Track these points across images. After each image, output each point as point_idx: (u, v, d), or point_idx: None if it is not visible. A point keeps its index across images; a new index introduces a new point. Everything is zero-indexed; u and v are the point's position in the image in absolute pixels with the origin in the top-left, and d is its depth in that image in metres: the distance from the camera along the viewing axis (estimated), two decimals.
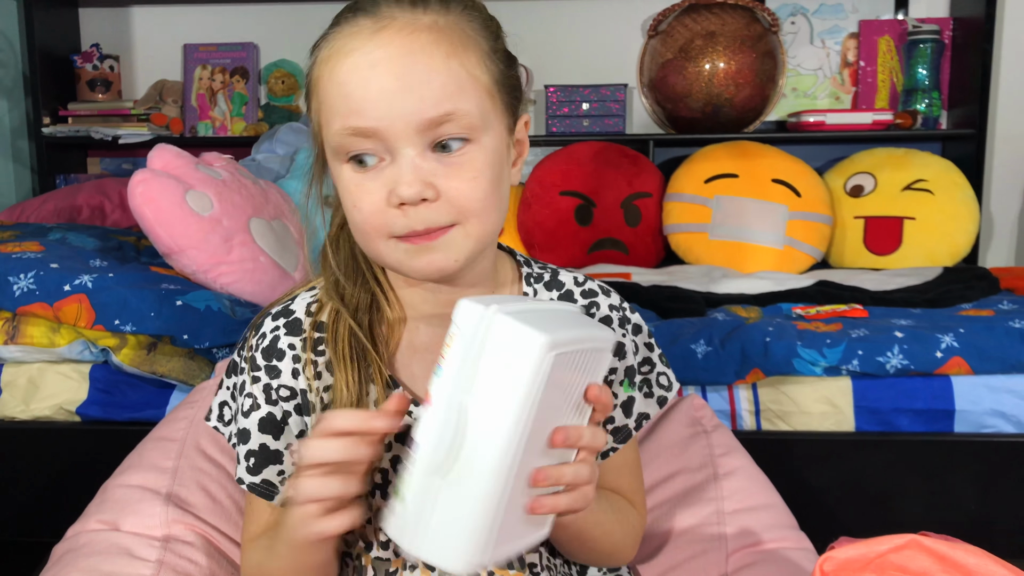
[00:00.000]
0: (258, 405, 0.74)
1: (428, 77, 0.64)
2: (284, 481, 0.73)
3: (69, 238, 1.61)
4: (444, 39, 0.66)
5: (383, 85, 0.64)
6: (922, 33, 2.28)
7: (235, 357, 0.79)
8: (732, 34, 2.25)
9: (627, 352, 0.80)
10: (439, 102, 0.64)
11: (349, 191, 0.67)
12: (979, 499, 1.40)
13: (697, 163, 2.19)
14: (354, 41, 0.66)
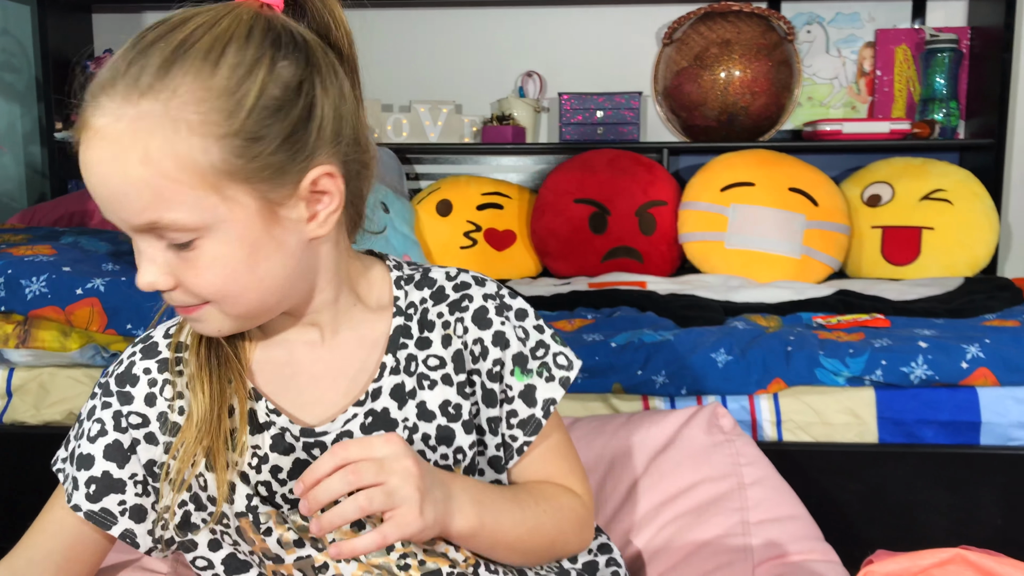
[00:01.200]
0: (106, 431, 0.73)
1: (124, 189, 0.61)
2: (124, 512, 0.73)
3: (81, 242, 1.60)
4: (140, 140, 0.60)
5: (96, 192, 0.63)
6: (940, 42, 2.26)
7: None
8: (748, 42, 2.24)
9: (509, 340, 0.76)
10: (139, 213, 0.61)
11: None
12: (1005, 513, 1.37)
13: (713, 171, 2.17)
14: (79, 135, 0.63)
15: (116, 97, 0.61)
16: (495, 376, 0.75)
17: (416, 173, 2.51)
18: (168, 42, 0.63)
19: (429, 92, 2.48)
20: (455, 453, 0.73)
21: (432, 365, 0.74)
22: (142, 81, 0.61)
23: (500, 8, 2.49)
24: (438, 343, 0.75)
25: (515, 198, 2.29)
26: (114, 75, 0.62)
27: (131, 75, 0.62)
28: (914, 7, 2.39)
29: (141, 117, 0.60)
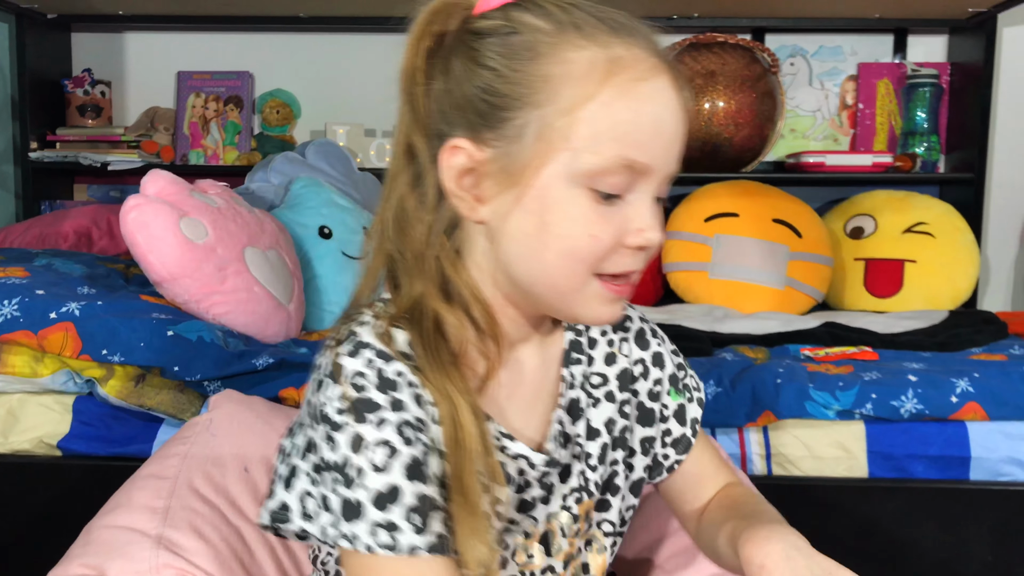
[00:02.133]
0: (396, 450, 0.61)
1: (683, 133, 0.66)
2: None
3: (56, 264, 1.56)
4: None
5: (673, 126, 0.65)
6: (921, 77, 2.29)
7: (307, 429, 0.65)
8: (732, 74, 2.24)
9: (665, 361, 0.80)
10: (677, 158, 0.66)
11: (586, 219, 0.63)
12: (994, 549, 1.36)
13: (697, 201, 2.17)
14: (644, 67, 0.64)
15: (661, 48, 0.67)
16: (654, 396, 0.79)
17: None
18: None
19: None
20: (611, 474, 0.77)
21: (596, 383, 0.77)
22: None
23: None
24: (601, 361, 0.77)
25: None
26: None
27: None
28: (895, 42, 2.42)
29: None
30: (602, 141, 0.62)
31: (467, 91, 0.65)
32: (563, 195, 0.63)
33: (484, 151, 0.65)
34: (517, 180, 0.64)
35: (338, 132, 2.36)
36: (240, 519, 0.97)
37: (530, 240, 0.65)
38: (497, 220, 0.66)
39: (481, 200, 0.66)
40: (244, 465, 1.03)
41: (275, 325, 1.52)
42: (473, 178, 0.66)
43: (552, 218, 0.64)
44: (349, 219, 1.93)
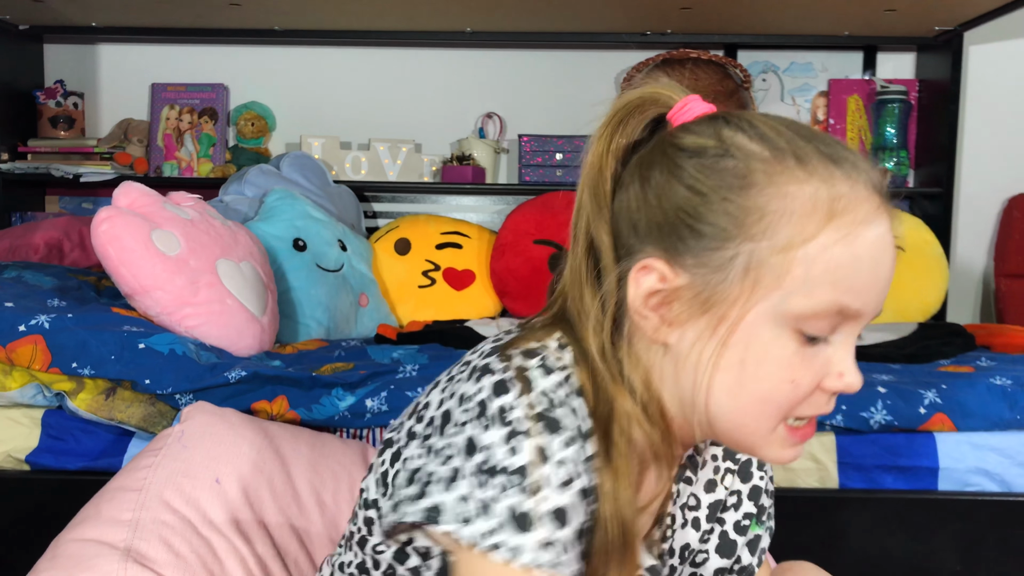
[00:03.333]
0: (578, 473, 0.59)
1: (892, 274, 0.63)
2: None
3: (25, 276, 1.55)
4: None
5: (889, 270, 0.61)
6: (890, 93, 2.32)
7: (466, 428, 0.60)
8: (705, 89, 2.27)
9: (762, 495, 0.79)
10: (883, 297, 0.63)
11: (788, 363, 0.60)
12: (963, 558, 1.38)
13: None
14: (867, 208, 0.60)
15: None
16: (740, 529, 0.76)
17: (374, 211, 2.49)
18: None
19: (388, 131, 2.47)
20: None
21: (691, 504, 0.75)
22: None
23: (461, 50, 2.50)
24: (702, 485, 0.75)
25: (474, 238, 2.28)
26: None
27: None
28: (865, 58, 2.46)
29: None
30: (817, 284, 0.58)
31: (667, 210, 0.61)
32: (766, 335, 0.60)
33: (680, 276, 0.61)
34: (715, 311, 0.60)
35: (313, 144, 2.36)
36: (210, 530, 0.96)
37: (723, 375, 0.61)
38: (684, 346, 0.62)
39: (669, 323, 0.62)
40: (216, 476, 1.02)
41: (248, 338, 1.51)
42: (662, 299, 0.62)
43: (752, 357, 0.60)
44: (324, 231, 1.93)
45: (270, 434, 1.12)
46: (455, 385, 0.63)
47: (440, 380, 0.68)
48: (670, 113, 0.65)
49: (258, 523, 1.01)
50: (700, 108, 0.65)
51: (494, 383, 0.60)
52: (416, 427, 0.65)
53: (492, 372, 0.61)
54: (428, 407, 0.65)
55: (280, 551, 1.00)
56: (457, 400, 0.61)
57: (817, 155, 0.60)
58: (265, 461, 1.07)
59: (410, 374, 1.40)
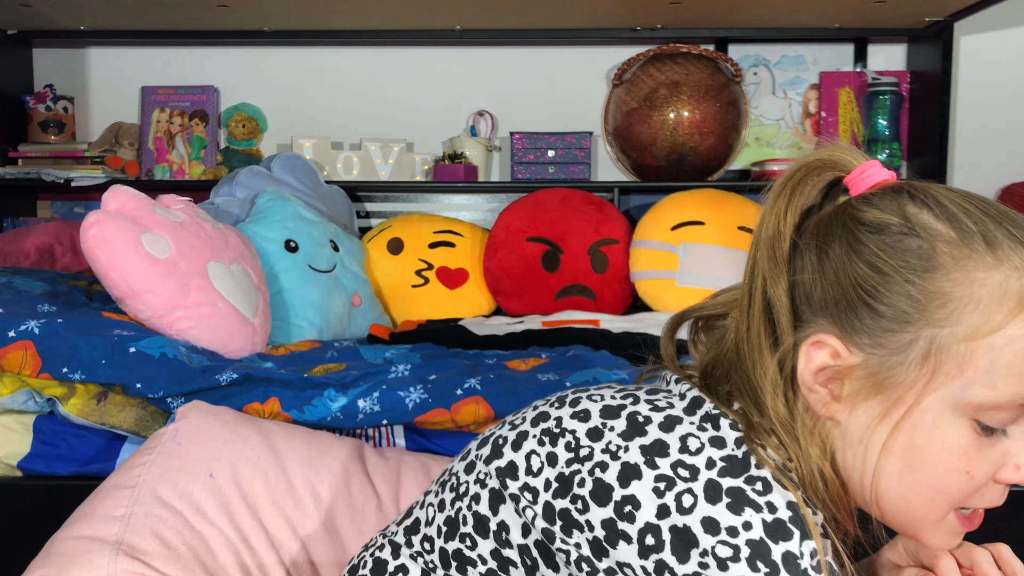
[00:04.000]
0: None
1: None
2: None
3: (15, 282, 1.54)
4: None
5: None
6: (881, 85, 2.32)
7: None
8: (696, 84, 2.27)
9: None
10: None
11: (964, 453, 0.59)
12: None
13: (663, 210, 2.18)
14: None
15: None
16: None
17: (367, 211, 2.48)
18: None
19: (380, 130, 2.47)
20: None
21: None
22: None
23: (451, 48, 2.50)
24: None
25: (467, 236, 2.28)
26: None
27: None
28: (856, 51, 2.46)
29: None
30: (1001, 376, 0.57)
31: (845, 286, 0.60)
32: (943, 423, 0.59)
33: (855, 354, 0.60)
34: (889, 393, 0.59)
35: (304, 145, 2.36)
36: (204, 523, 0.96)
37: (893, 459, 0.60)
38: (853, 424, 0.61)
39: (838, 399, 0.62)
40: (209, 471, 1.02)
41: (240, 340, 1.51)
42: (834, 375, 0.61)
43: (926, 445, 0.59)
44: (315, 232, 1.93)
45: (265, 430, 1.12)
46: (667, 495, 0.58)
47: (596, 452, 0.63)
48: (848, 177, 0.64)
49: (252, 516, 1.01)
50: (880, 175, 0.63)
51: (767, 524, 0.56)
52: (628, 529, 0.59)
53: (751, 502, 0.57)
54: (624, 512, 0.60)
55: (274, 543, 1.00)
56: (702, 525, 0.57)
57: (1008, 239, 0.58)
58: (259, 456, 1.07)
59: (402, 374, 1.40)
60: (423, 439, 1.35)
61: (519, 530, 0.66)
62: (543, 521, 0.63)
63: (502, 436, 0.69)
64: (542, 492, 0.64)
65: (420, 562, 0.73)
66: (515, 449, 0.67)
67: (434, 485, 0.75)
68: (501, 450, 0.68)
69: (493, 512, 0.67)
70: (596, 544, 0.61)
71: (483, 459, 0.69)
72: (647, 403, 0.65)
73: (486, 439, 0.71)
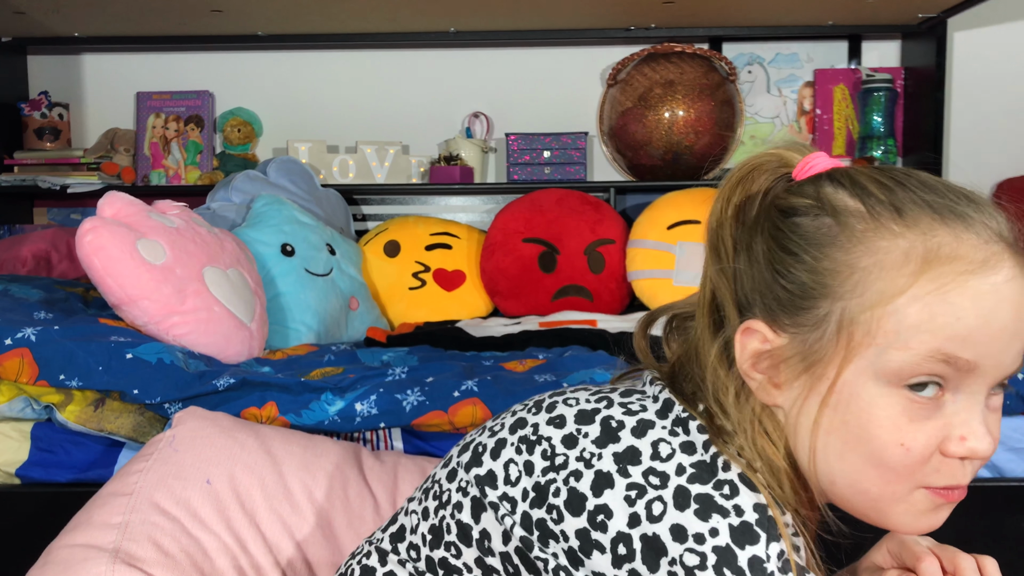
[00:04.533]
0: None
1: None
2: None
3: (12, 289, 1.54)
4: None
5: (1009, 320, 0.57)
6: (875, 82, 2.33)
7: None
8: (691, 83, 2.27)
9: None
10: (1019, 355, 0.59)
11: (894, 424, 0.58)
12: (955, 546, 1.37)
13: (659, 209, 2.19)
14: (975, 258, 0.57)
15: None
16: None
17: (363, 214, 2.48)
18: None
19: (375, 133, 2.47)
20: None
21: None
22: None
23: (446, 49, 2.50)
24: None
25: (464, 238, 2.28)
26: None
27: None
28: (850, 48, 2.46)
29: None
30: (912, 336, 0.57)
31: (767, 275, 0.62)
32: (867, 395, 0.59)
33: (781, 336, 0.61)
34: (815, 370, 0.60)
35: (300, 149, 2.36)
36: (201, 529, 0.96)
37: (828, 437, 0.60)
38: (794, 408, 0.62)
39: (777, 385, 0.63)
40: (206, 477, 1.02)
41: (237, 344, 1.51)
42: (769, 361, 0.62)
43: (854, 419, 0.59)
44: (312, 236, 1.93)
45: (261, 435, 1.12)
46: (636, 503, 0.59)
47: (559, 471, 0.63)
48: (795, 171, 0.65)
49: (249, 521, 1.01)
50: (823, 165, 0.64)
51: (733, 529, 0.56)
52: (599, 537, 0.60)
53: (718, 508, 0.57)
54: (590, 519, 0.60)
55: (272, 549, 1.00)
56: (671, 533, 0.57)
57: (917, 206, 0.59)
58: (256, 461, 1.07)
59: (400, 376, 1.40)
60: (421, 442, 1.35)
61: (500, 538, 0.66)
62: (521, 530, 0.64)
63: (481, 443, 0.69)
64: (520, 502, 0.64)
65: (408, 568, 0.73)
66: (494, 457, 0.67)
67: (418, 492, 0.76)
68: (480, 458, 0.68)
69: (475, 520, 0.67)
70: (572, 554, 0.61)
71: (463, 466, 0.69)
72: (620, 407, 0.65)
73: (467, 445, 0.71)
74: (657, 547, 0.57)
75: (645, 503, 0.58)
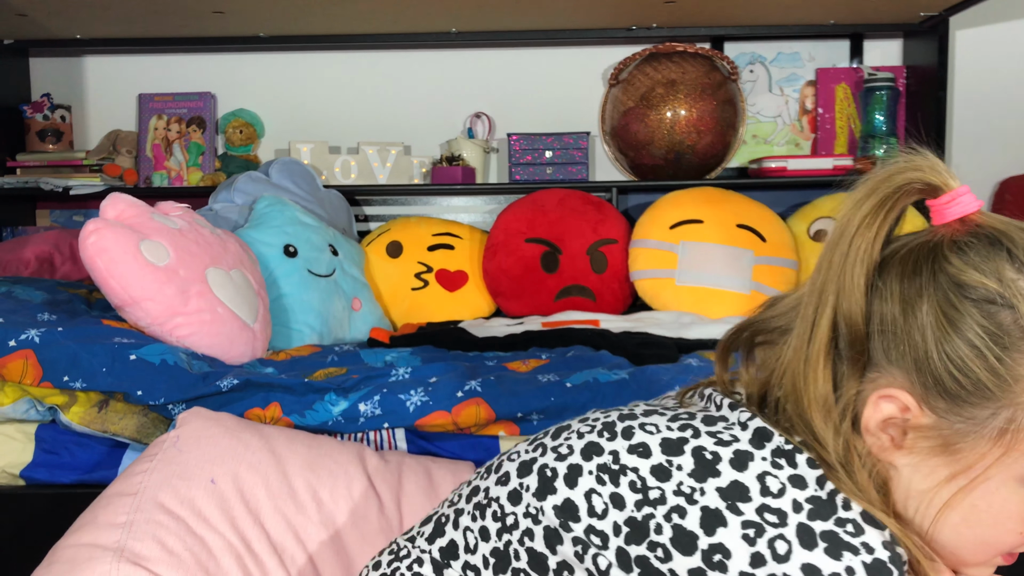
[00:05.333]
0: None
1: None
2: None
3: (15, 291, 1.54)
4: None
5: None
6: (877, 81, 2.32)
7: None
8: (692, 82, 2.27)
9: None
10: None
11: (1021, 517, 0.61)
12: None
13: (662, 209, 2.18)
14: None
15: None
16: None
17: (365, 215, 2.48)
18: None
19: (377, 134, 2.47)
20: None
21: None
22: None
23: (447, 50, 2.50)
24: None
25: (466, 238, 2.28)
26: None
27: None
28: (852, 47, 2.46)
29: None
30: None
31: (933, 352, 0.59)
32: (1006, 491, 0.60)
33: (927, 415, 0.60)
34: (957, 457, 0.60)
35: (302, 150, 2.36)
36: (205, 528, 0.96)
37: (951, 513, 0.61)
38: (915, 476, 0.62)
39: (900, 448, 0.62)
40: (211, 477, 1.02)
41: (240, 345, 1.51)
42: (900, 428, 0.61)
43: (987, 507, 0.61)
44: (314, 237, 1.93)
45: (266, 435, 1.13)
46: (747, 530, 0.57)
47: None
48: (934, 201, 0.62)
49: (254, 521, 1.01)
50: (970, 207, 0.62)
51: (868, 567, 0.56)
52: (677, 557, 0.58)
53: (848, 546, 0.56)
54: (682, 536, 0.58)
55: (276, 548, 1.01)
56: (803, 573, 0.56)
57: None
58: (260, 461, 1.07)
59: (403, 377, 1.40)
60: (424, 442, 1.35)
61: (584, 573, 0.63)
62: (619, 571, 0.60)
63: (548, 467, 0.65)
64: (611, 536, 0.60)
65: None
66: (570, 486, 0.63)
67: (466, 504, 0.71)
68: (552, 484, 0.64)
69: (551, 551, 0.64)
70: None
71: (531, 492, 0.65)
72: (709, 435, 0.62)
73: (527, 465, 0.67)
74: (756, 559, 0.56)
75: (767, 542, 0.56)
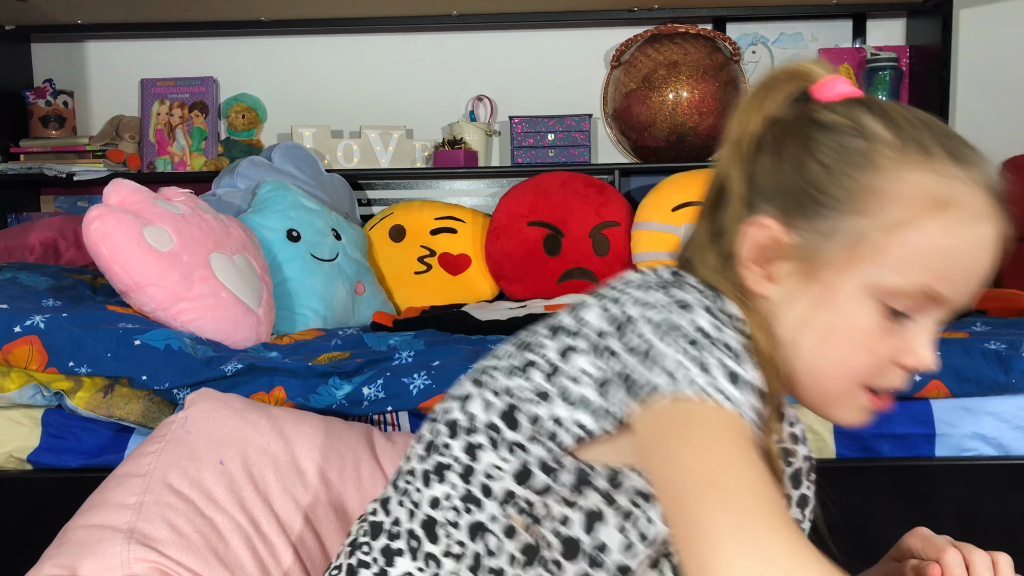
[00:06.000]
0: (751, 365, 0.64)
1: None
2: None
3: (20, 278, 1.55)
4: None
5: (984, 269, 0.65)
6: (880, 61, 2.31)
7: (663, 311, 0.63)
8: (694, 64, 2.26)
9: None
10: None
11: (869, 332, 0.65)
12: (961, 524, 1.38)
13: (664, 191, 2.18)
14: (977, 209, 0.64)
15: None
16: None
17: (368, 199, 2.49)
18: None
19: (379, 117, 2.47)
20: None
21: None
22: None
23: (449, 33, 2.49)
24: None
25: (469, 222, 2.28)
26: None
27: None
28: (855, 26, 2.44)
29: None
30: (912, 266, 0.63)
31: (793, 177, 0.67)
32: (855, 303, 0.65)
33: (790, 236, 0.67)
34: (813, 273, 0.66)
35: (304, 134, 2.36)
36: (215, 510, 0.97)
37: (809, 334, 0.67)
38: (780, 301, 0.68)
39: (770, 278, 0.68)
40: (220, 458, 1.03)
41: (244, 330, 1.52)
42: (768, 256, 0.68)
43: (838, 322, 0.66)
44: (317, 221, 1.93)
45: (274, 416, 1.13)
46: (615, 304, 0.65)
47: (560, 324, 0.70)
48: (814, 87, 0.70)
49: (263, 502, 1.02)
50: (845, 88, 0.69)
51: (678, 296, 0.64)
52: (573, 343, 0.67)
53: (670, 286, 0.65)
54: (575, 332, 0.67)
55: (285, 528, 1.02)
56: (638, 305, 0.64)
57: (943, 151, 0.64)
58: (269, 442, 1.08)
59: (406, 360, 1.41)
60: None
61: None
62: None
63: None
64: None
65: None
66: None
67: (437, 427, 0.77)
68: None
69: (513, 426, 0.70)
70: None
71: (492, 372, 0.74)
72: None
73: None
74: (627, 318, 0.65)
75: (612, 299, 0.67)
